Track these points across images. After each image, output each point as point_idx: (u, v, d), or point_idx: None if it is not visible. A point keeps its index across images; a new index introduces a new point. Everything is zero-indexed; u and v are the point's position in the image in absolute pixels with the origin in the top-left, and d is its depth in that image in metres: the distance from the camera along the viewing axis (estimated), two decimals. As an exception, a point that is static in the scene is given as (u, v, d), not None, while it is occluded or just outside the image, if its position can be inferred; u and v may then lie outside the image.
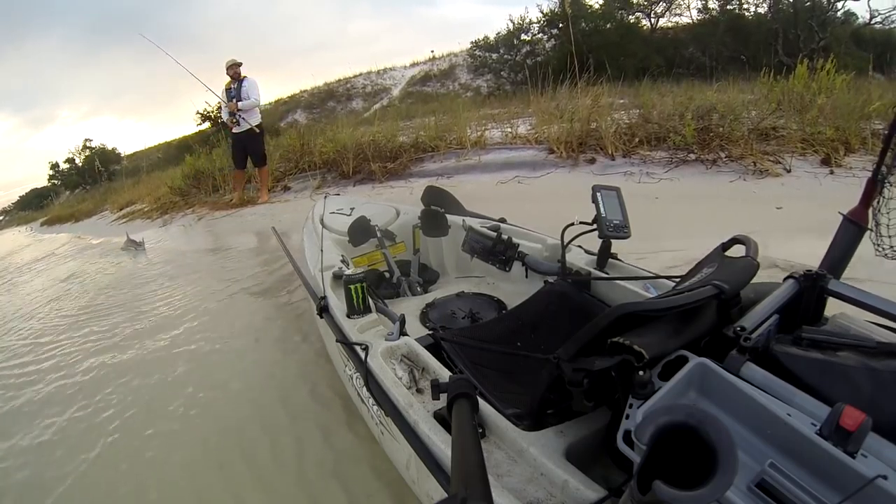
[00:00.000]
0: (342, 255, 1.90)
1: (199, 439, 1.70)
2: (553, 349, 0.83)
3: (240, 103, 5.66)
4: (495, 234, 2.00)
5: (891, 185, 0.92)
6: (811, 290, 0.91)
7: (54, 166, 22.67)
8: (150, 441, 1.74)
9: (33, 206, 22.02)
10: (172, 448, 1.68)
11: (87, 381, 2.31)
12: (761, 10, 13.68)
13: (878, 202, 0.94)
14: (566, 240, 1.55)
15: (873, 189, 0.93)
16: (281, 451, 1.55)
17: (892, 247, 0.96)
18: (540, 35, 14.51)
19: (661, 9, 14.85)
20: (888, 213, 0.95)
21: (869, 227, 0.96)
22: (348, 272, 1.43)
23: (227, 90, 5.78)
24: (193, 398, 1.98)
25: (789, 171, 3.99)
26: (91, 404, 2.08)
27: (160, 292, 3.57)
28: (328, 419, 1.66)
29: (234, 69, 5.69)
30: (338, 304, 1.45)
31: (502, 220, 2.18)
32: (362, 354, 1.16)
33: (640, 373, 0.73)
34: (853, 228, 0.95)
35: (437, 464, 0.85)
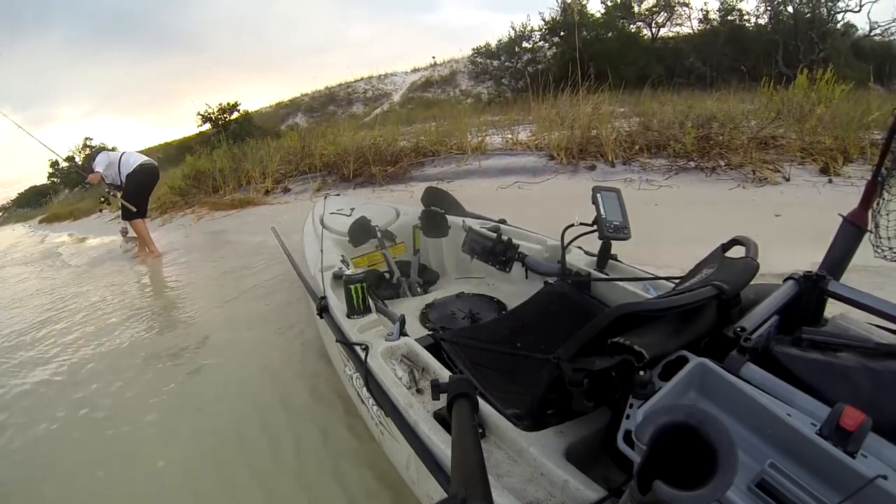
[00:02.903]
0: (342, 256, 1.90)
1: (197, 439, 1.69)
2: (553, 349, 0.83)
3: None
4: (495, 234, 2.00)
5: (890, 188, 0.93)
6: (811, 291, 0.91)
7: (54, 164, 22.70)
8: (147, 442, 1.73)
9: (32, 204, 22.00)
10: (170, 449, 1.66)
11: (84, 379, 2.30)
12: (762, 22, 13.83)
13: (878, 204, 0.95)
14: (566, 241, 1.55)
15: (873, 191, 0.94)
16: (280, 452, 1.54)
17: (891, 248, 0.96)
18: (541, 43, 14.61)
19: (663, 18, 14.99)
20: (888, 214, 0.96)
21: (869, 228, 0.97)
22: (348, 272, 1.43)
23: None
24: (191, 397, 1.97)
25: (788, 180, 4.01)
26: (86, 402, 2.07)
27: (155, 292, 3.56)
28: (328, 419, 1.66)
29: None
30: (338, 305, 1.45)
31: (502, 221, 2.19)
32: (362, 354, 1.16)
33: (641, 373, 0.73)
34: (853, 230, 0.96)
35: (437, 464, 0.85)
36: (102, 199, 5.18)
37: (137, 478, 1.55)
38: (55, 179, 22.75)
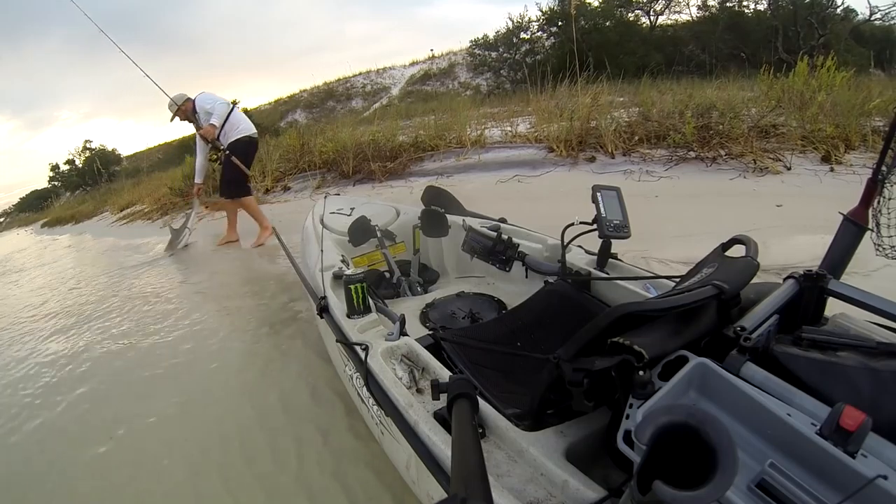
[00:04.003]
0: (342, 255, 1.89)
1: (198, 440, 1.70)
2: (553, 349, 0.83)
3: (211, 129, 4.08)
4: (495, 234, 2.00)
5: (891, 185, 0.92)
6: (811, 290, 0.90)
7: (54, 168, 22.69)
8: (148, 442, 1.74)
9: (34, 208, 22.02)
10: (171, 449, 1.67)
11: (85, 378, 2.32)
12: (761, 8, 13.71)
13: (878, 202, 0.94)
14: (566, 240, 1.55)
15: (873, 189, 0.93)
16: (281, 452, 1.55)
17: (892, 247, 0.96)
18: (539, 33, 14.50)
19: (661, 6, 14.85)
20: (888, 213, 0.95)
21: (869, 227, 0.96)
22: (348, 272, 1.43)
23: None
24: (192, 398, 1.98)
25: (789, 169, 3.99)
26: (90, 403, 2.08)
27: (154, 290, 3.57)
28: (328, 419, 1.66)
29: (181, 112, 4.22)
30: (338, 304, 1.45)
31: (502, 220, 2.18)
32: (362, 354, 1.16)
33: (640, 373, 0.72)
34: (853, 228, 0.95)
35: (437, 464, 0.85)
36: (215, 157, 4.24)
37: (140, 477, 1.57)
38: (56, 183, 22.74)
